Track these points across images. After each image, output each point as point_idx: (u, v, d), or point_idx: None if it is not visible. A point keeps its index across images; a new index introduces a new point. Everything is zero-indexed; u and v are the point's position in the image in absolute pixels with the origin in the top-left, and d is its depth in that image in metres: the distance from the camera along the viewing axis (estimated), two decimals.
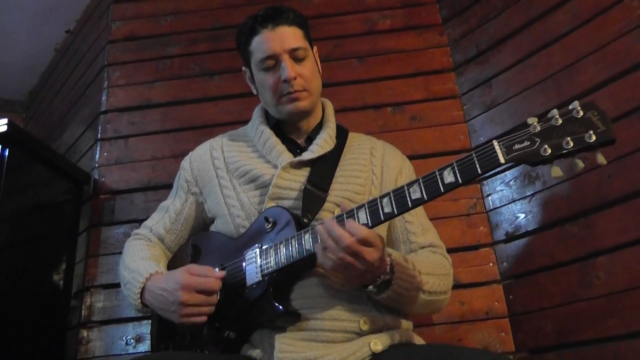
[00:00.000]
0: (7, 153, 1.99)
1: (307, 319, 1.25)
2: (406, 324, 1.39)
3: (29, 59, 3.15)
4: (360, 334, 1.26)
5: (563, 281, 1.75)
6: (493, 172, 1.92)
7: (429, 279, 1.31)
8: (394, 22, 2.39)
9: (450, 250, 1.52)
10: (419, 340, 1.38)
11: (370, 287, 1.22)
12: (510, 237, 1.93)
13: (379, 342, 1.23)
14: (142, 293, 1.35)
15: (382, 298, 1.24)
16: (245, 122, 1.68)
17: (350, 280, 1.22)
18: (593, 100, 0.97)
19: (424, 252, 1.45)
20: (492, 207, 2.00)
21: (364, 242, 1.12)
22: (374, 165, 1.52)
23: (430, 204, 1.21)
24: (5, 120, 1.95)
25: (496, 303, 1.90)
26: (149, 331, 1.65)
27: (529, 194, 1.89)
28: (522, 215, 1.90)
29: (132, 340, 2.01)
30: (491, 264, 1.95)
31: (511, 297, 1.89)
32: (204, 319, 1.28)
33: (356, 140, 1.59)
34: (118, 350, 2.01)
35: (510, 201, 1.94)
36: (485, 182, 2.04)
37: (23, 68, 3.22)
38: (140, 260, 1.44)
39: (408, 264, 1.26)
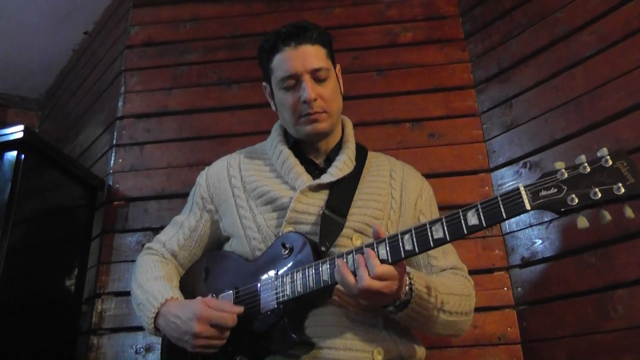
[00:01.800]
0: (22, 158, 1.99)
1: (320, 348, 1.24)
2: (420, 352, 1.38)
3: (46, 58, 3.15)
4: None
5: (579, 311, 1.73)
6: None
7: (450, 298, 1.30)
8: (415, 35, 2.37)
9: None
10: None
11: (390, 307, 1.22)
12: (526, 263, 1.90)
13: None
14: (155, 317, 1.34)
15: (400, 317, 1.23)
16: (262, 133, 1.67)
17: (371, 304, 1.22)
18: (622, 149, 0.94)
19: (445, 273, 1.43)
20: (508, 231, 1.97)
21: (381, 278, 1.11)
22: (393, 188, 1.50)
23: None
24: (21, 127, 1.97)
25: (509, 328, 1.88)
26: (159, 341, 1.65)
27: (546, 220, 1.87)
28: (539, 241, 1.88)
29: (142, 350, 2.02)
30: (505, 289, 1.93)
31: (525, 323, 1.86)
32: (214, 350, 1.28)
33: (375, 161, 1.57)
34: (128, 359, 2.01)
35: (527, 226, 1.92)
36: (502, 191, 2.01)
37: (40, 67, 3.22)
38: (154, 280, 1.43)
39: (427, 283, 1.25)
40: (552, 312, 1.79)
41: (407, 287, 1.20)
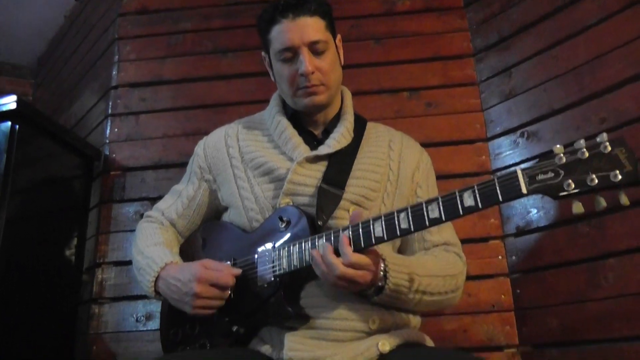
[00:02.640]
0: (17, 129, 1.98)
1: (316, 318, 1.26)
2: (415, 321, 1.40)
3: (38, 24, 3.10)
4: (370, 333, 1.27)
5: (571, 280, 1.76)
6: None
7: (431, 280, 1.30)
8: (413, 3, 2.33)
9: (460, 241, 1.51)
10: (428, 341, 1.39)
11: (368, 291, 1.25)
12: (521, 232, 1.93)
13: (387, 343, 1.24)
14: (156, 281, 1.36)
15: (378, 300, 1.26)
16: (258, 102, 1.66)
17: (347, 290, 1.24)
18: (622, 137, 0.94)
19: (435, 250, 1.44)
20: None
21: (354, 266, 1.15)
22: (391, 159, 1.49)
23: (443, 189, 1.21)
24: (14, 97, 1.95)
25: (503, 296, 1.92)
26: (159, 309, 1.68)
27: None
28: (535, 211, 1.90)
29: (142, 318, 2.05)
30: (500, 257, 1.96)
31: (518, 291, 1.90)
32: (212, 311, 1.30)
33: (374, 132, 1.56)
34: (129, 327, 2.05)
35: None
36: (499, 173, 2.01)
37: (32, 33, 3.16)
38: (154, 246, 1.44)
39: (403, 267, 1.26)
40: (545, 281, 1.83)
41: (381, 273, 1.22)
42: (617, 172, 0.91)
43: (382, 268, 1.22)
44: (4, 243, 1.86)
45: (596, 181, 0.93)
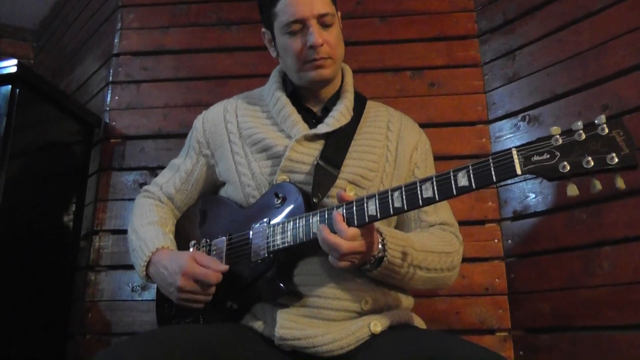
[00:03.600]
0: (17, 92, 1.98)
1: (308, 296, 1.27)
2: (407, 302, 1.41)
3: None
4: (362, 313, 1.28)
5: (566, 266, 1.76)
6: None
7: (427, 255, 1.31)
8: None
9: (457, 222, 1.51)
10: (419, 321, 1.40)
11: (366, 266, 1.24)
12: (518, 216, 1.93)
13: (378, 324, 1.25)
14: (147, 265, 1.37)
15: (377, 274, 1.26)
16: (260, 76, 1.65)
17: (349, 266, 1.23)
18: (621, 119, 0.93)
19: (432, 229, 1.44)
20: (502, 184, 1.98)
21: (353, 239, 1.15)
22: (389, 140, 1.49)
23: (441, 170, 1.20)
24: (14, 61, 1.95)
25: (497, 280, 1.93)
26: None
27: None
28: (532, 195, 1.89)
29: (138, 287, 2.07)
30: (496, 240, 1.96)
31: (512, 275, 1.91)
32: (199, 305, 1.32)
33: (373, 112, 1.55)
34: (124, 296, 2.07)
35: (521, 180, 1.92)
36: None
37: None
38: (149, 226, 1.45)
39: (400, 240, 1.26)
40: (540, 266, 1.83)
41: (379, 245, 1.22)
42: (614, 154, 0.90)
43: (379, 240, 1.22)
44: (2, 205, 1.87)
45: (592, 163, 0.92)
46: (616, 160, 0.90)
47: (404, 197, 1.12)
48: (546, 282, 1.80)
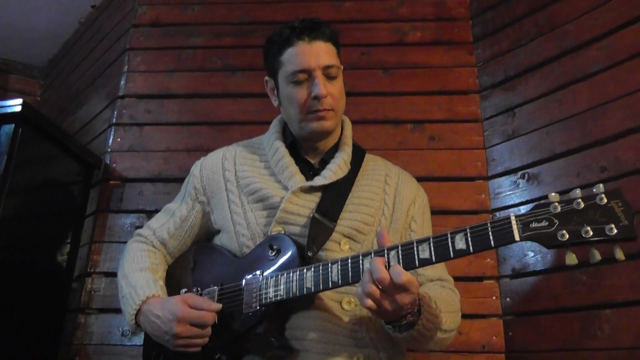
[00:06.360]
0: (20, 131, 1.99)
1: (300, 351, 1.24)
2: (402, 358, 1.37)
3: (51, 26, 3.13)
4: None
5: (565, 327, 1.73)
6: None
7: (448, 317, 1.28)
8: (424, 35, 2.34)
9: (454, 279, 1.49)
10: None
11: (392, 325, 1.18)
12: (516, 274, 1.90)
13: None
14: (137, 314, 1.34)
15: (402, 337, 1.20)
16: (263, 122, 1.65)
17: (377, 314, 1.16)
18: (619, 189, 0.92)
19: (434, 287, 1.41)
20: None
21: (403, 288, 1.07)
22: (386, 194, 1.49)
23: (439, 225, 1.18)
24: (19, 101, 1.97)
25: (494, 337, 1.89)
26: None
27: None
28: (532, 254, 1.88)
29: (128, 332, 2.01)
30: (494, 298, 1.93)
31: (510, 333, 1.87)
32: (197, 349, 1.28)
33: (371, 165, 1.55)
34: (114, 341, 2.03)
35: None
36: (498, 213, 2.01)
37: (45, 35, 3.19)
38: (140, 272, 1.43)
39: (432, 303, 1.22)
40: (539, 325, 1.80)
41: (415, 308, 1.15)
42: (613, 225, 0.90)
43: (417, 301, 1.15)
44: None
45: (591, 233, 0.91)
46: (615, 231, 0.90)
47: (400, 256, 1.10)
48: (544, 342, 1.77)
